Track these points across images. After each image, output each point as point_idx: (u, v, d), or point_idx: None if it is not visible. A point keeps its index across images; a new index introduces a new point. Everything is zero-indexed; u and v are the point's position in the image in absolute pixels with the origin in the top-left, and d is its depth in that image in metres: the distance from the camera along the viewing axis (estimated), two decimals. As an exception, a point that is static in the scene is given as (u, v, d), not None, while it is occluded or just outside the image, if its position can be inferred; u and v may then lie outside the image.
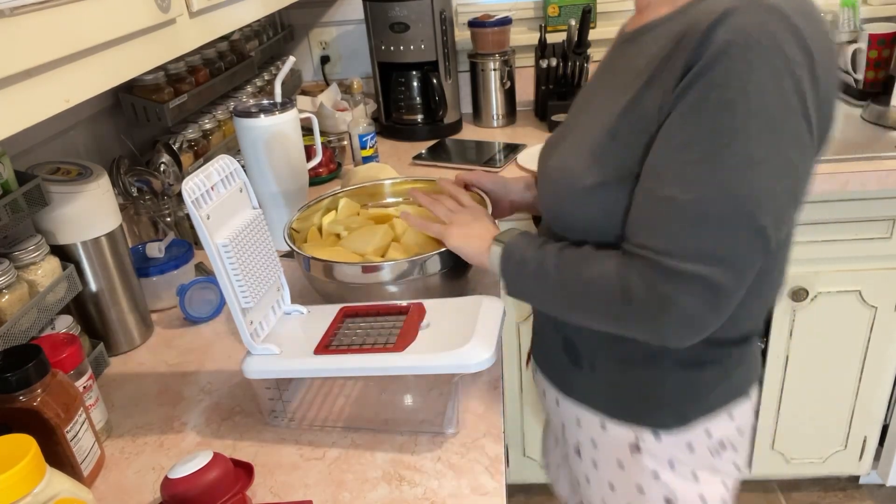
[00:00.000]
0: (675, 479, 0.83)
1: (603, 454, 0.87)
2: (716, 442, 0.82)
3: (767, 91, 0.60)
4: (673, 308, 0.65)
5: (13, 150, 0.99)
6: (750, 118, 0.61)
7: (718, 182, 0.62)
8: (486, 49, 1.79)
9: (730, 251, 0.64)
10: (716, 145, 0.62)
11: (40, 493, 0.57)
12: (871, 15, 1.82)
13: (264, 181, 1.21)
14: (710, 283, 0.64)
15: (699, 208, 0.63)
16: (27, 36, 0.53)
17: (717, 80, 0.61)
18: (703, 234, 0.63)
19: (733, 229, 0.63)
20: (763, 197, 0.62)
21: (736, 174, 0.62)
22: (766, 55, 0.60)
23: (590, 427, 0.87)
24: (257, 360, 0.80)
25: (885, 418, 1.69)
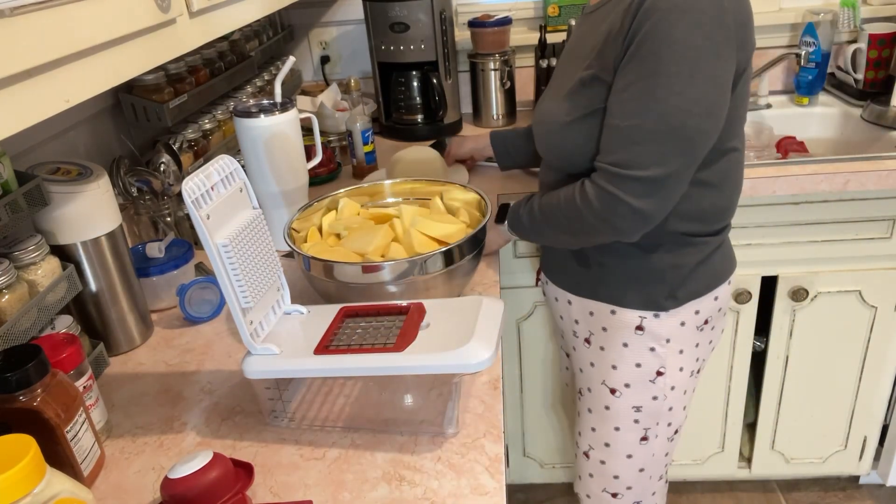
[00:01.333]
0: (667, 352, 1.05)
1: (611, 337, 1.07)
2: (701, 319, 1.05)
3: (683, 41, 0.82)
4: (620, 204, 0.88)
5: (13, 150, 0.99)
6: (670, 62, 0.82)
7: (648, 109, 0.84)
8: (485, 49, 1.79)
9: (661, 155, 0.85)
10: (645, 83, 0.84)
11: (40, 493, 0.57)
12: (871, 15, 1.82)
13: (264, 181, 1.21)
14: (648, 180, 0.86)
15: (635, 129, 0.86)
16: (27, 36, 0.53)
17: (646, 36, 0.83)
18: (638, 147, 0.86)
19: (662, 139, 0.85)
20: (684, 115, 0.84)
21: (661, 102, 0.84)
22: (682, 15, 0.81)
23: (601, 315, 1.07)
24: (257, 360, 0.80)
25: (885, 418, 1.69)
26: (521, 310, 1.58)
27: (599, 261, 1.04)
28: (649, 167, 0.86)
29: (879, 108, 1.65)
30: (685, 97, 0.83)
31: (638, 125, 0.85)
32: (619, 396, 1.10)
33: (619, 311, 1.05)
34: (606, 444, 1.15)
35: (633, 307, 1.03)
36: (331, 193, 1.17)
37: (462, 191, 1.15)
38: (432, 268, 0.95)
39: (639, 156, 0.86)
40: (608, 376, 1.10)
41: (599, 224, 0.91)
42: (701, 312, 1.04)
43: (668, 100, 0.83)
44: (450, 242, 0.99)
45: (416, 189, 1.20)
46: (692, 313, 1.04)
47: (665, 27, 0.82)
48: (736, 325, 1.57)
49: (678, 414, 1.13)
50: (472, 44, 1.81)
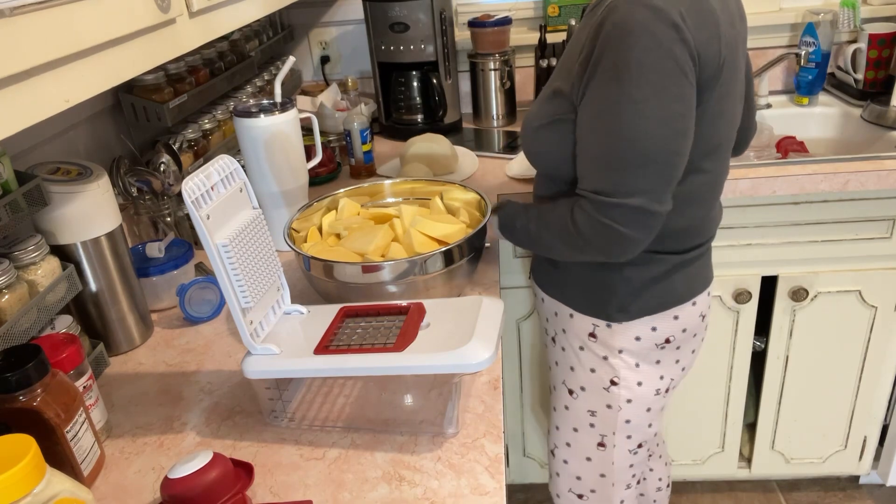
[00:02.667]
0: (620, 364, 1.05)
1: (569, 340, 1.09)
2: (661, 337, 1.03)
3: (642, 63, 0.81)
4: (612, 232, 0.88)
5: (13, 150, 0.99)
6: (632, 86, 0.82)
7: (619, 136, 0.84)
8: (485, 49, 1.79)
9: (640, 182, 0.86)
10: (611, 110, 0.84)
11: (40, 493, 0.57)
12: (871, 15, 1.82)
13: (264, 181, 1.21)
14: (631, 208, 0.86)
15: (611, 158, 0.86)
16: (27, 36, 0.53)
17: (606, 62, 0.83)
18: (616, 175, 0.86)
19: (638, 166, 0.85)
20: (653, 139, 0.84)
21: (630, 129, 0.84)
22: (638, 38, 0.81)
23: (562, 317, 1.09)
24: (257, 360, 0.80)
25: (885, 418, 1.69)
26: (521, 310, 1.58)
27: (564, 264, 1.05)
28: (632, 195, 0.86)
29: (879, 108, 1.65)
30: (653, 120, 0.83)
31: (612, 153, 0.86)
32: (576, 398, 1.12)
33: (575, 316, 1.06)
34: (567, 443, 1.17)
35: (586, 313, 1.05)
36: (331, 193, 1.17)
37: (462, 191, 1.15)
38: (432, 268, 0.95)
39: (619, 184, 0.86)
40: (567, 377, 1.12)
41: (593, 250, 0.92)
42: (659, 330, 1.03)
43: (636, 125, 0.83)
44: (449, 242, 0.99)
45: (416, 189, 1.20)
46: (648, 329, 1.03)
47: (624, 51, 0.81)
48: (736, 325, 1.57)
49: (640, 429, 1.11)
50: (472, 44, 1.81)
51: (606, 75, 0.83)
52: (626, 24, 0.81)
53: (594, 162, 0.88)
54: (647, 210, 0.86)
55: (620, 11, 0.82)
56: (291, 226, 1.07)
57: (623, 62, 0.82)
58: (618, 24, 0.82)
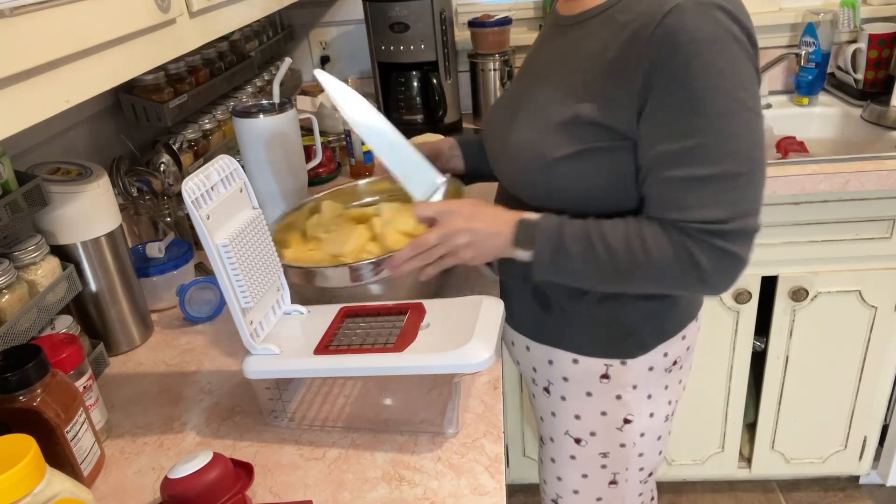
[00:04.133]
0: (634, 399, 0.98)
1: (573, 388, 0.99)
2: (670, 361, 0.98)
3: (735, 70, 0.75)
4: (738, 263, 0.79)
5: (13, 150, 0.99)
6: (731, 97, 0.74)
7: (733, 151, 0.75)
8: (486, 49, 1.79)
9: (758, 198, 0.79)
10: (716, 124, 0.75)
11: (40, 493, 0.57)
12: (871, 15, 1.82)
13: (264, 181, 1.21)
14: (751, 231, 0.79)
15: (729, 176, 0.76)
16: (27, 36, 0.53)
17: (695, 73, 0.74)
18: (734, 195, 0.77)
19: (757, 181, 0.78)
20: (759, 147, 0.78)
21: (741, 140, 0.76)
22: (723, 43, 0.74)
23: (561, 364, 0.98)
24: (257, 360, 0.80)
25: (885, 418, 1.69)
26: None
27: (562, 306, 0.95)
28: (750, 214, 0.78)
29: (879, 108, 1.65)
30: (755, 127, 0.77)
31: (725, 171, 0.76)
32: (585, 445, 1.03)
33: (581, 361, 0.96)
34: (575, 490, 1.09)
35: (598, 355, 0.95)
36: (311, 197, 1.15)
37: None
38: None
39: (738, 204, 0.77)
40: (571, 426, 1.02)
41: (700, 284, 0.81)
42: (669, 354, 0.97)
43: (744, 136, 0.76)
44: None
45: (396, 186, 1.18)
46: (661, 356, 0.96)
47: (705, 60, 0.73)
48: (736, 325, 1.57)
49: (651, 458, 1.06)
50: (472, 44, 1.81)
51: (696, 87, 0.74)
52: (703, 28, 0.73)
53: (698, 184, 0.76)
54: (758, 229, 0.79)
55: (690, 16, 0.73)
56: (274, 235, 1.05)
57: (716, 70, 0.73)
58: (696, 30, 0.73)
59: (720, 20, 0.73)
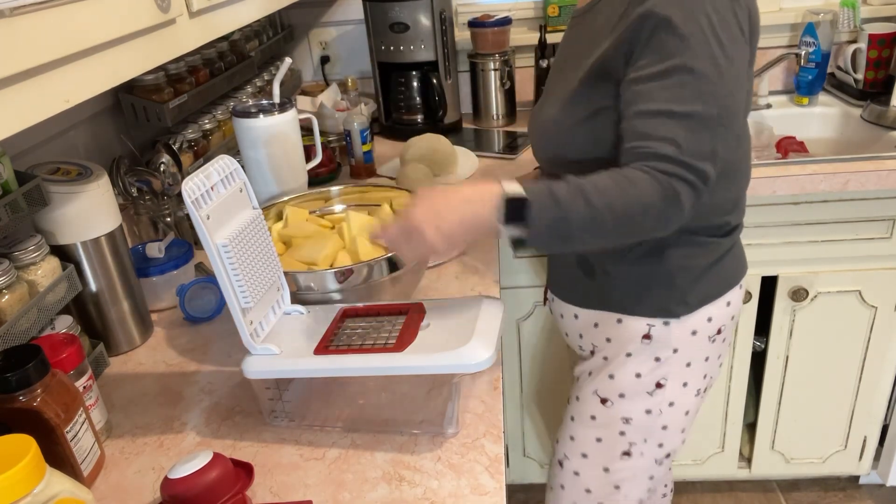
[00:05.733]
0: (672, 363, 0.99)
1: (615, 347, 1.01)
2: (714, 328, 0.98)
3: (715, 21, 0.79)
4: (684, 192, 0.78)
5: (13, 150, 0.99)
6: (711, 43, 0.79)
7: (707, 94, 0.79)
8: (486, 49, 1.79)
9: (713, 146, 0.80)
10: (694, 68, 0.79)
11: (40, 493, 0.57)
12: (871, 15, 1.82)
13: (263, 181, 1.21)
14: (702, 173, 0.79)
15: (690, 116, 0.78)
16: (27, 36, 0.53)
17: (677, 20, 0.78)
18: (694, 136, 0.79)
19: (714, 127, 0.80)
20: (733, 103, 0.81)
21: (716, 88, 0.79)
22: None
23: (606, 326, 1.01)
24: (257, 360, 0.80)
25: (885, 418, 1.69)
26: (521, 310, 1.58)
27: (605, 269, 0.98)
28: (703, 160, 0.79)
29: (879, 108, 1.65)
30: (728, 77, 0.80)
31: (692, 111, 0.78)
32: (610, 406, 1.02)
33: (625, 320, 0.98)
34: (584, 454, 1.07)
35: (641, 314, 0.97)
36: (275, 201, 1.14)
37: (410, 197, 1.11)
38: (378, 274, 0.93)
39: (696, 144, 0.79)
40: (601, 385, 1.03)
41: (677, 209, 0.80)
42: (714, 320, 0.98)
43: (716, 82, 0.79)
44: None
45: (364, 196, 1.17)
46: (704, 321, 0.97)
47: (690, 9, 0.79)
48: (736, 326, 1.56)
49: (673, 436, 1.04)
50: (472, 44, 1.81)
51: (671, 31, 0.79)
52: None
53: (663, 120, 0.79)
54: (710, 177, 0.80)
55: None
56: None
57: (693, 21, 0.78)
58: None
59: None
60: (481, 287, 1.11)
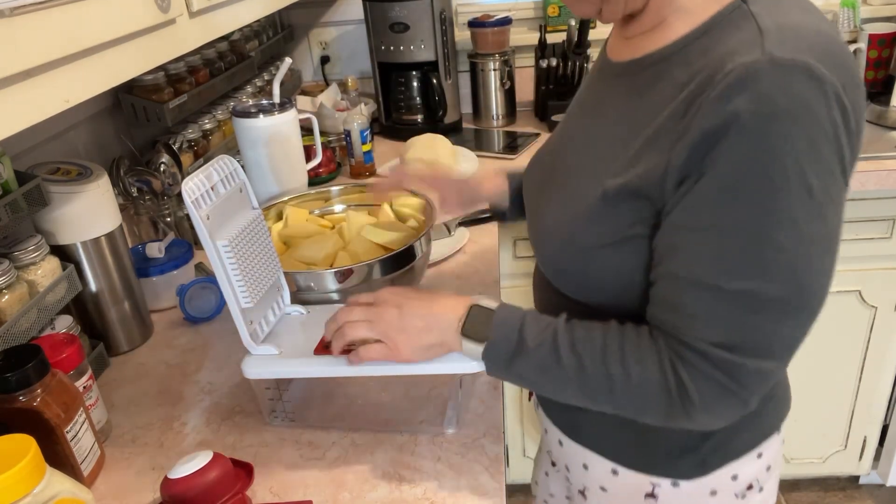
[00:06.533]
0: None
1: (613, 501, 0.81)
2: (743, 485, 0.77)
3: (808, 163, 0.54)
4: (735, 401, 0.61)
5: (13, 150, 0.99)
6: (794, 196, 0.55)
7: (774, 267, 0.57)
8: (486, 49, 1.79)
9: (792, 337, 0.60)
10: (762, 228, 0.56)
11: (40, 493, 0.57)
12: (871, 15, 1.82)
13: (263, 181, 1.21)
14: (771, 373, 0.61)
15: (751, 297, 0.57)
16: (27, 36, 0.53)
17: (751, 155, 0.54)
18: (757, 322, 0.58)
19: (795, 316, 0.58)
20: (819, 277, 0.58)
21: (791, 258, 0.56)
22: (801, 124, 0.54)
23: (599, 472, 0.80)
24: (257, 361, 0.80)
25: (885, 418, 1.69)
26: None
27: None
28: (775, 353, 0.60)
29: (879, 108, 1.65)
30: (817, 247, 0.57)
31: (754, 291, 0.57)
32: None
33: (622, 473, 0.77)
34: None
35: (643, 471, 0.76)
36: (275, 201, 1.14)
37: (411, 197, 1.11)
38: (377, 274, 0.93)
39: (760, 335, 0.59)
40: None
41: (685, 419, 0.63)
42: (741, 477, 0.76)
43: (796, 253, 0.56)
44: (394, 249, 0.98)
45: (364, 196, 1.17)
46: (728, 479, 0.75)
47: (769, 143, 0.54)
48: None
49: None
50: (472, 44, 1.81)
51: (748, 173, 0.55)
52: (775, 101, 0.53)
53: (715, 296, 0.58)
54: (774, 373, 0.61)
55: (764, 81, 0.53)
56: None
57: (775, 160, 0.54)
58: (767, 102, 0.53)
59: (801, 90, 0.53)
60: (481, 287, 1.11)
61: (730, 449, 0.75)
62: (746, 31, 0.57)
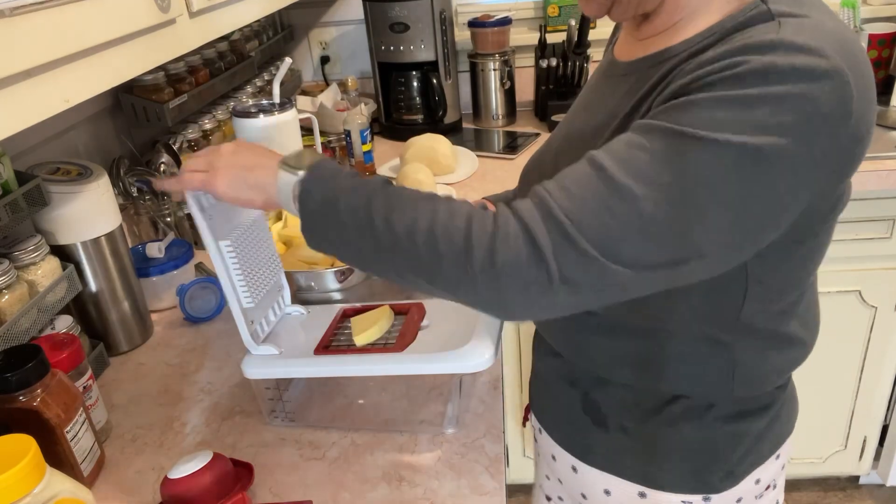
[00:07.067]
0: None
1: None
2: (762, 487, 0.77)
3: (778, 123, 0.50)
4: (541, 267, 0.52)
5: (13, 150, 0.99)
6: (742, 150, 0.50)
7: (669, 187, 0.51)
8: (486, 49, 1.79)
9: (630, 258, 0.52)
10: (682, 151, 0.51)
11: (40, 493, 0.57)
12: (871, 15, 1.82)
13: (264, 181, 1.21)
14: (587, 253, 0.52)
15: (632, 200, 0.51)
16: (27, 36, 0.53)
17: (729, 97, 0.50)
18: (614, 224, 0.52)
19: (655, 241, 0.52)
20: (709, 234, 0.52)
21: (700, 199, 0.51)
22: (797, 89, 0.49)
23: (623, 497, 0.76)
24: (257, 361, 0.80)
25: (885, 418, 1.69)
26: (521, 310, 1.58)
27: (622, 424, 0.74)
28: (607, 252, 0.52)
29: (879, 108, 1.65)
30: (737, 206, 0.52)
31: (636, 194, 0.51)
32: None
33: (651, 495, 0.74)
34: None
35: (673, 490, 0.73)
36: None
37: None
38: None
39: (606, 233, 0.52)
40: None
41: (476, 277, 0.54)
42: (762, 480, 0.76)
43: (708, 195, 0.51)
44: None
45: None
46: (752, 484, 0.75)
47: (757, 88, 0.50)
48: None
49: None
50: (472, 44, 1.81)
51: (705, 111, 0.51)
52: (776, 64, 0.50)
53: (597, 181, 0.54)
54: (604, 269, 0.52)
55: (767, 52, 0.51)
56: None
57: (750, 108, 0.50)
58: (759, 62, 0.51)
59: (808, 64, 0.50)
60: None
61: (756, 456, 0.74)
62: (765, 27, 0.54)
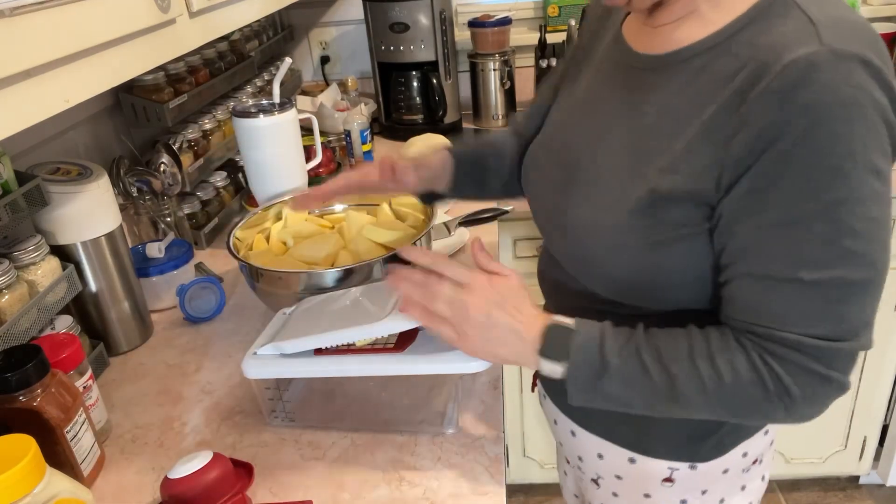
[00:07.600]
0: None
1: (628, 487, 0.82)
2: (749, 461, 0.80)
3: (871, 148, 0.56)
4: (831, 388, 0.62)
5: (13, 150, 0.99)
6: (862, 182, 0.56)
7: (852, 252, 0.57)
8: (486, 49, 1.79)
9: (871, 312, 0.61)
10: (836, 217, 0.56)
11: (40, 493, 0.57)
12: (871, 15, 1.82)
13: (263, 181, 1.21)
14: (860, 350, 0.61)
15: (843, 284, 0.58)
16: (27, 36, 0.53)
17: (819, 145, 0.55)
18: (846, 308, 0.59)
19: (875, 293, 0.60)
20: (884, 253, 0.60)
21: (865, 241, 0.57)
22: (859, 111, 0.55)
23: (615, 461, 0.81)
24: (257, 361, 0.80)
25: (885, 418, 1.69)
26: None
27: None
28: (860, 333, 0.60)
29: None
30: (882, 223, 0.58)
31: (840, 277, 0.57)
32: None
33: (640, 461, 0.79)
34: None
35: (660, 456, 0.78)
36: (275, 201, 1.14)
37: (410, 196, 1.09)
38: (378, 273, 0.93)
39: (849, 320, 0.59)
40: None
41: (784, 414, 0.63)
42: (749, 453, 0.79)
43: (867, 235, 0.57)
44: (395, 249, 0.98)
45: (364, 196, 1.17)
46: (738, 457, 0.79)
47: (832, 131, 0.54)
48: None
49: None
50: (472, 44, 1.81)
51: (817, 164, 0.55)
52: (835, 89, 0.54)
53: (803, 293, 0.59)
54: (868, 348, 0.62)
55: (826, 72, 0.54)
56: (235, 235, 1.04)
57: (844, 146, 0.55)
58: (831, 91, 0.54)
59: (861, 80, 0.54)
60: (481, 287, 1.11)
61: (742, 429, 0.77)
62: (795, 21, 0.57)
